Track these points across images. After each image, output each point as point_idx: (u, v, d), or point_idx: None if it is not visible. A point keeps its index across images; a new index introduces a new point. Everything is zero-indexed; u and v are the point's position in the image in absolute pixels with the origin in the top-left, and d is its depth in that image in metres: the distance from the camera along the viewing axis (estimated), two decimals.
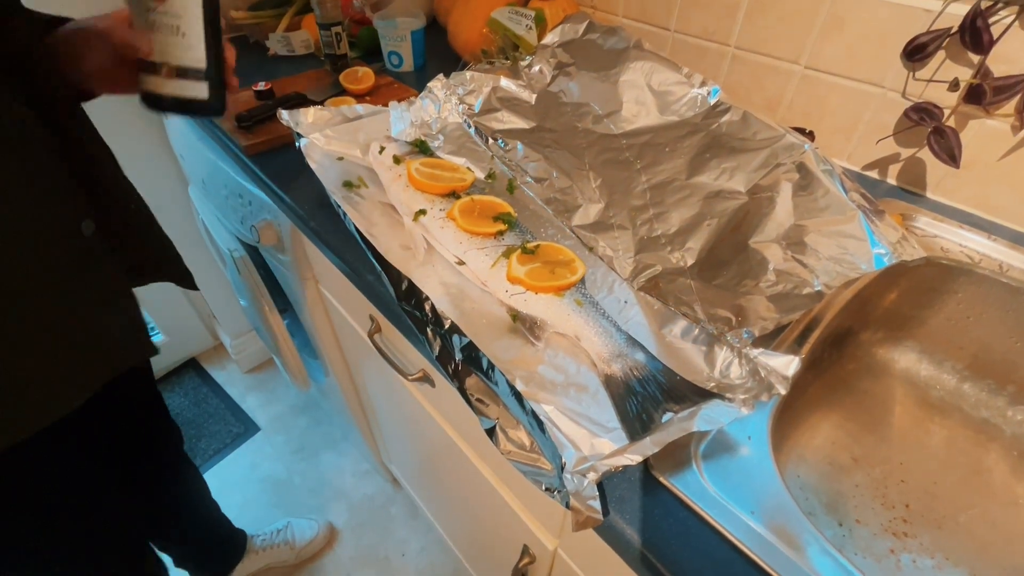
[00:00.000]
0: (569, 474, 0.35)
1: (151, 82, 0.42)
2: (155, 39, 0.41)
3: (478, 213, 0.52)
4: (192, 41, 0.41)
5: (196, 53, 0.42)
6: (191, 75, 0.42)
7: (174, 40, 0.41)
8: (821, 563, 0.34)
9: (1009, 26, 0.53)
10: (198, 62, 0.42)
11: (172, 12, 0.40)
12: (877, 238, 0.52)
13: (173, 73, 0.41)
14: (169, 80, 0.41)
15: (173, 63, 0.41)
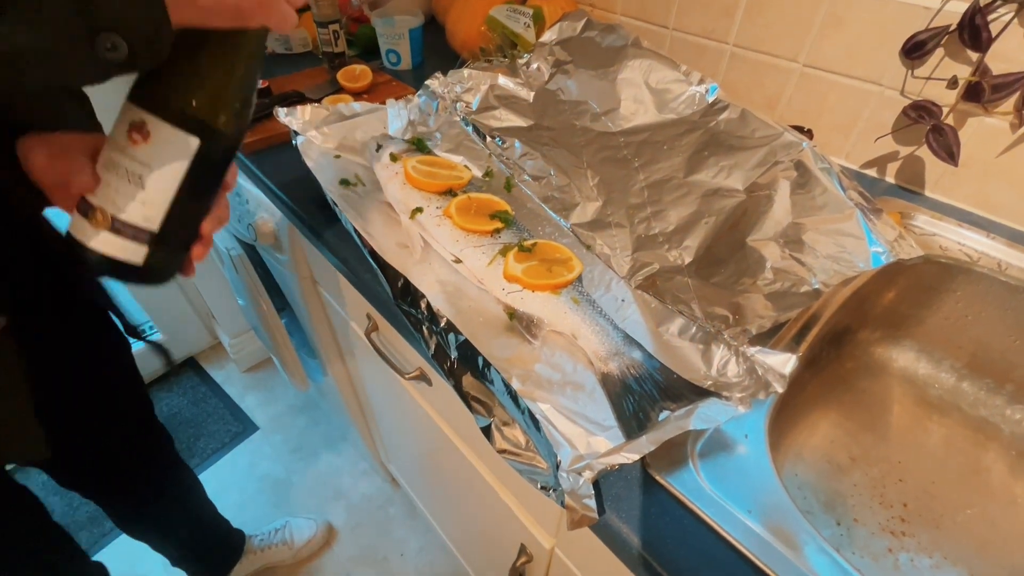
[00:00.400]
0: (565, 472, 0.35)
1: (77, 226, 0.32)
2: (104, 178, 0.32)
3: (475, 211, 0.52)
4: (151, 196, 0.32)
5: (148, 210, 0.32)
6: (127, 233, 0.32)
7: (125, 187, 0.32)
8: (818, 562, 0.34)
9: (1008, 24, 0.53)
10: (146, 221, 0.32)
11: (141, 159, 0.31)
12: (875, 236, 0.52)
13: (106, 224, 0.32)
14: (96, 230, 0.32)
15: (109, 211, 0.31)
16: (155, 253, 0.33)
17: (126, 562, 1.16)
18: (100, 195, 0.32)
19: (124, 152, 0.31)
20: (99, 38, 0.26)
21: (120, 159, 0.31)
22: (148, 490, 0.84)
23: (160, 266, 0.34)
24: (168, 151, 0.31)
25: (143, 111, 0.31)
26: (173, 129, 0.31)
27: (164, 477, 0.86)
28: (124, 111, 0.32)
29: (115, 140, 0.32)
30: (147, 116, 0.31)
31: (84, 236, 0.32)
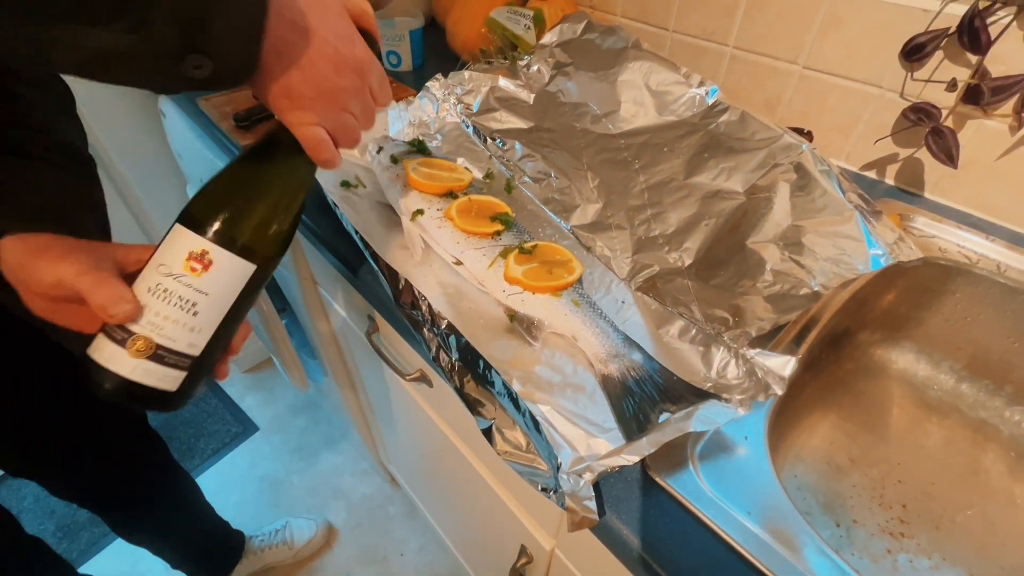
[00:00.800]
0: (565, 474, 0.35)
1: (107, 353, 0.30)
2: (150, 304, 0.31)
3: (476, 213, 0.52)
4: (202, 323, 0.31)
5: (196, 337, 0.32)
6: (169, 361, 0.31)
7: (176, 315, 0.31)
8: (817, 563, 0.34)
9: (1007, 26, 0.53)
10: (191, 348, 0.31)
11: (198, 287, 0.31)
12: (874, 239, 0.52)
13: (147, 353, 0.30)
14: (135, 360, 0.30)
15: (155, 340, 0.30)
16: (190, 377, 0.32)
17: (127, 562, 1.16)
18: (144, 323, 0.30)
19: (179, 280, 0.31)
20: (190, 57, 0.27)
21: (174, 287, 0.31)
22: (143, 497, 0.83)
23: (190, 390, 0.33)
24: (227, 279, 0.32)
25: (206, 241, 0.31)
26: (236, 259, 0.32)
27: (159, 483, 0.86)
28: (179, 237, 0.31)
29: (167, 266, 0.31)
30: (210, 246, 0.31)
31: (116, 364, 0.30)
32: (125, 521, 0.86)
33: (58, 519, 1.24)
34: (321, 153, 0.34)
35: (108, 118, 1.02)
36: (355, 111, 0.35)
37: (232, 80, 0.29)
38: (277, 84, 0.31)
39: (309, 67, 0.32)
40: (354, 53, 0.34)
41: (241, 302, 0.33)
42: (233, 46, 0.28)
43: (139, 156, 1.10)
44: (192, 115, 0.82)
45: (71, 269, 0.31)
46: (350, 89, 0.34)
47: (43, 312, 0.33)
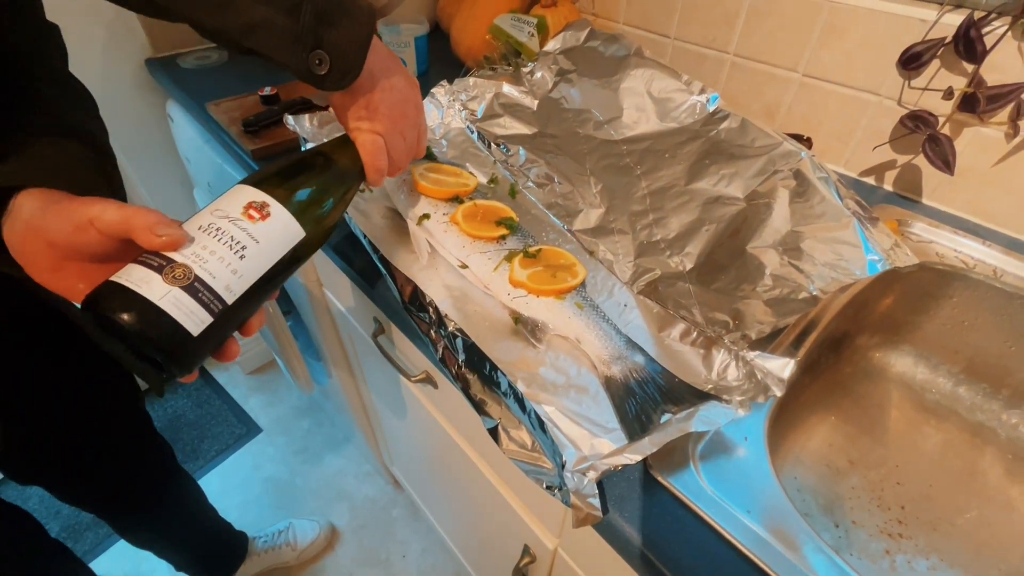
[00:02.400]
0: (570, 473, 0.36)
1: (136, 276, 0.28)
2: (199, 239, 0.31)
3: (481, 217, 0.53)
4: (245, 269, 0.31)
5: (235, 282, 0.31)
6: (203, 297, 0.29)
7: (223, 252, 0.31)
8: (817, 562, 0.35)
9: (1002, 36, 0.54)
10: (227, 291, 0.30)
11: (252, 232, 0.32)
12: (871, 245, 0.53)
13: (184, 282, 0.29)
14: (168, 286, 0.28)
15: (196, 271, 0.29)
16: (214, 327, 0.30)
17: (131, 563, 1.17)
18: (188, 252, 0.30)
19: (235, 223, 0.32)
20: (316, 52, 0.35)
21: (228, 227, 0.32)
22: (149, 502, 0.84)
23: (207, 346, 0.31)
24: (278, 234, 0.34)
25: (269, 196, 0.34)
26: (291, 218, 0.34)
27: (164, 488, 0.86)
28: (240, 191, 0.34)
29: (223, 211, 0.33)
30: (271, 200, 0.34)
31: (145, 287, 0.28)
32: (130, 525, 0.87)
33: (63, 520, 1.25)
34: (376, 159, 0.41)
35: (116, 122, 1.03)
36: (409, 139, 0.44)
37: (338, 80, 0.37)
38: (364, 96, 0.40)
39: (389, 91, 0.41)
40: (418, 97, 0.45)
41: (281, 267, 0.34)
42: (349, 48, 0.36)
43: (147, 160, 1.11)
44: (200, 120, 0.84)
45: (111, 204, 0.30)
46: (411, 119, 0.44)
47: (45, 273, 0.31)
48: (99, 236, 0.30)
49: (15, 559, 0.71)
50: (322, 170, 0.39)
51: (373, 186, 0.43)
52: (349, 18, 0.36)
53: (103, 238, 0.30)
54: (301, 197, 0.36)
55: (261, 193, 0.34)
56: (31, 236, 0.30)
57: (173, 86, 0.89)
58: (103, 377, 0.68)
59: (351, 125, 0.42)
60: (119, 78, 0.98)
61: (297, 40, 0.34)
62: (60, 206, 0.30)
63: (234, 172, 0.81)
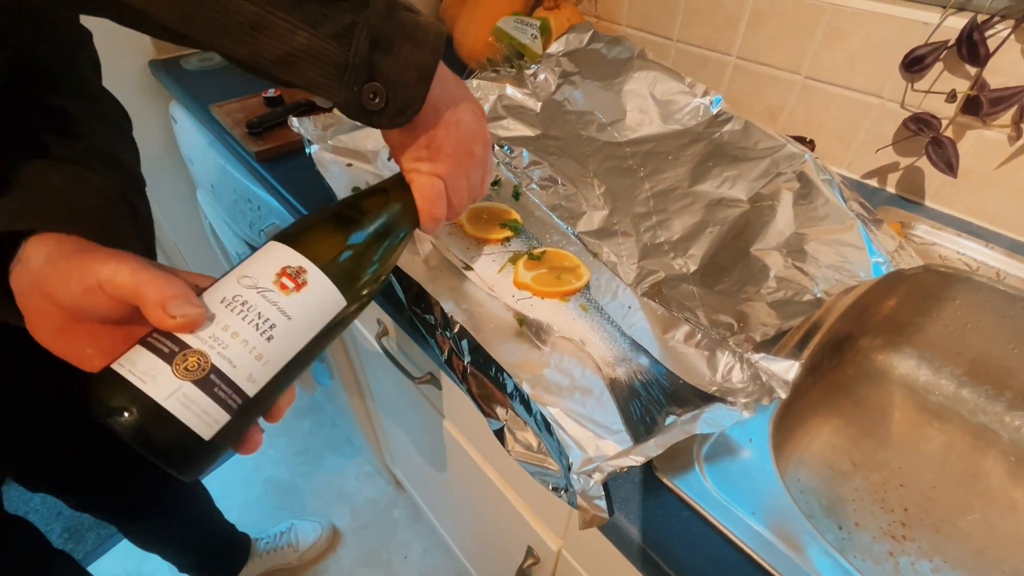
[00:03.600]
0: (576, 474, 0.36)
1: (142, 367, 0.24)
2: (220, 318, 0.26)
3: (486, 219, 0.53)
4: (273, 352, 0.27)
5: (259, 370, 0.26)
6: (219, 393, 0.25)
7: (248, 334, 0.26)
8: (821, 563, 0.35)
9: (1005, 39, 0.55)
10: (249, 382, 0.26)
11: (283, 306, 0.27)
12: (875, 247, 0.53)
13: (197, 374, 0.25)
14: (179, 380, 0.24)
15: (213, 360, 0.25)
16: (230, 426, 0.26)
17: (133, 563, 1.17)
18: (205, 335, 0.25)
19: (264, 295, 0.27)
20: (371, 85, 0.29)
21: (256, 301, 0.27)
22: (157, 506, 0.84)
23: (219, 449, 0.26)
24: (315, 307, 0.29)
25: (306, 259, 0.29)
26: (331, 287, 0.29)
27: (171, 494, 0.86)
28: (273, 251, 0.29)
29: (252, 279, 0.28)
30: (309, 265, 0.29)
31: (152, 382, 0.24)
32: (137, 528, 0.87)
33: (65, 520, 1.25)
34: (435, 206, 0.36)
35: None
36: (473, 180, 0.38)
37: (395, 117, 0.31)
38: (426, 134, 0.34)
39: (455, 127, 0.35)
40: (486, 131, 0.38)
41: (316, 343, 0.29)
42: (410, 79, 0.30)
43: (150, 162, 1.11)
44: (204, 121, 0.84)
45: (124, 266, 0.26)
46: (478, 159, 0.38)
47: (49, 335, 0.28)
48: (109, 300, 0.26)
49: (17, 568, 0.71)
50: (369, 221, 0.33)
51: (427, 234, 0.38)
52: (412, 43, 0.30)
53: (114, 303, 0.26)
54: (344, 257, 0.31)
55: (297, 256, 0.29)
56: (36, 294, 0.27)
57: (176, 88, 0.90)
58: None
59: (408, 166, 0.36)
60: (122, 80, 0.99)
61: (347, 71, 0.28)
62: (70, 263, 0.26)
63: (237, 174, 0.81)
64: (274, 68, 0.28)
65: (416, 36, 0.30)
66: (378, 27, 0.28)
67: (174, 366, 0.24)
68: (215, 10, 0.25)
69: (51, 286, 0.26)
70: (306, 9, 0.27)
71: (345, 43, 0.28)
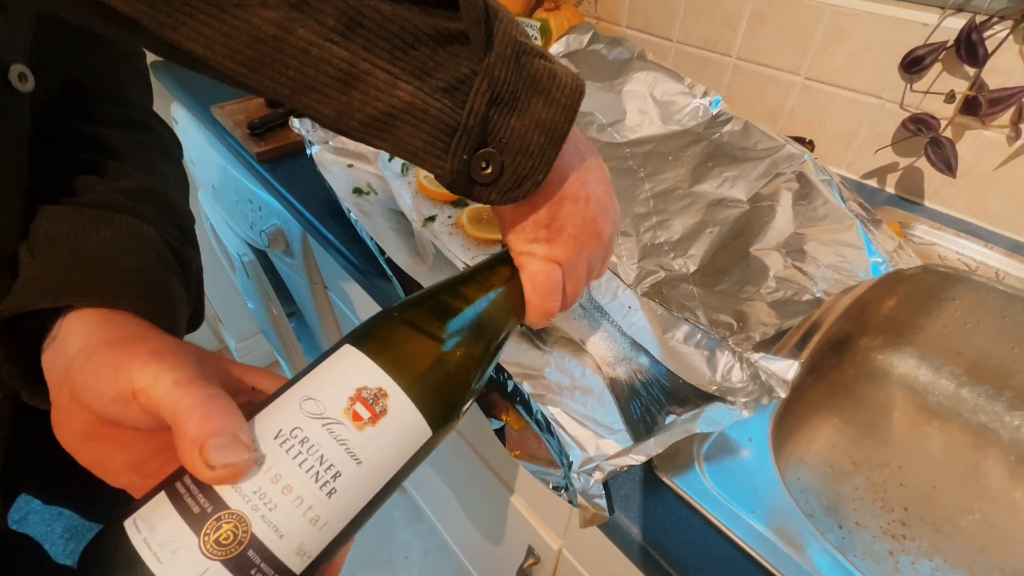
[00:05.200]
0: (576, 473, 0.36)
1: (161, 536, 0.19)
2: (270, 464, 0.20)
3: (486, 220, 0.53)
4: (333, 511, 0.20)
5: (313, 537, 0.20)
6: (254, 572, 0.18)
7: (307, 492, 0.19)
8: (821, 562, 0.35)
9: (1003, 40, 0.55)
10: (299, 554, 0.19)
11: (352, 446, 0.20)
12: (874, 247, 0.53)
13: (231, 551, 0.18)
14: (206, 561, 0.18)
15: (253, 529, 0.19)
16: None
17: None
18: (247, 490, 0.19)
19: (331, 428, 0.20)
20: (483, 152, 0.23)
21: (320, 438, 0.20)
22: None
23: None
24: (393, 443, 0.22)
25: (389, 377, 0.22)
26: (416, 413, 0.22)
27: None
28: (349, 365, 0.22)
29: (318, 401, 0.21)
30: (392, 386, 0.22)
31: (170, 564, 0.18)
32: None
33: (65, 520, 1.24)
34: (548, 300, 0.28)
35: None
36: (595, 263, 0.31)
37: (510, 190, 0.24)
38: (547, 210, 0.27)
39: (583, 202, 0.28)
40: (615, 205, 0.31)
41: (389, 487, 0.22)
42: (533, 144, 0.23)
43: None
44: (205, 122, 0.84)
45: (165, 376, 0.21)
46: (605, 238, 0.30)
47: (75, 440, 0.23)
48: (141, 414, 0.21)
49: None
50: (467, 318, 0.26)
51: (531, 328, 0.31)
52: (543, 99, 0.23)
53: (146, 416, 0.21)
54: (437, 372, 0.23)
55: (378, 372, 0.22)
56: (66, 391, 0.23)
57: (178, 88, 0.90)
58: None
59: (520, 248, 0.28)
60: None
61: (456, 135, 0.22)
62: (107, 356, 0.22)
63: (238, 175, 0.81)
64: (365, 130, 0.21)
65: (549, 90, 0.23)
66: (502, 79, 0.22)
67: (202, 537, 0.18)
68: (294, 57, 0.19)
69: (81, 386, 0.22)
70: (412, 56, 0.21)
71: (460, 100, 0.22)
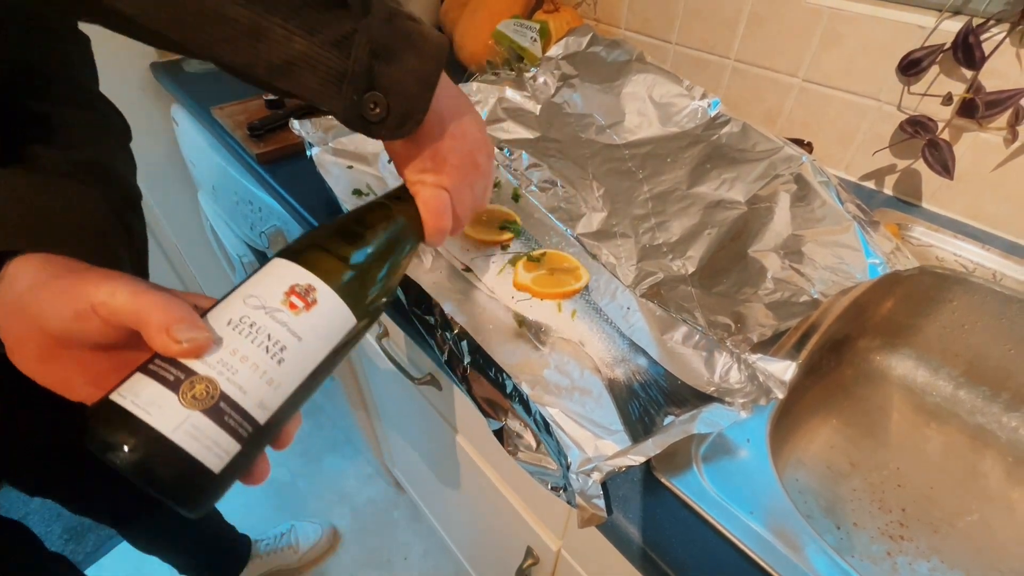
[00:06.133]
0: (574, 474, 0.36)
1: (145, 397, 0.23)
2: (228, 341, 0.24)
3: (485, 221, 0.54)
4: (283, 376, 0.26)
5: (270, 395, 0.25)
6: (229, 421, 0.23)
7: (259, 357, 0.25)
8: (819, 563, 0.35)
9: (1000, 43, 0.55)
10: (260, 408, 0.25)
11: (294, 327, 0.26)
12: (872, 248, 0.54)
13: (206, 403, 0.23)
14: (187, 410, 0.23)
15: (222, 387, 0.23)
16: (240, 457, 0.24)
17: (133, 565, 1.17)
18: (213, 361, 0.24)
19: (274, 316, 0.25)
20: (371, 94, 0.29)
21: (265, 322, 0.25)
22: (155, 509, 0.84)
23: (228, 482, 0.25)
24: (326, 326, 0.27)
25: (314, 276, 0.27)
26: (342, 304, 0.28)
27: None
28: (279, 269, 0.28)
29: (258, 298, 0.26)
30: (318, 282, 0.27)
31: (157, 414, 0.22)
32: (135, 529, 0.87)
33: (65, 521, 1.25)
34: (440, 219, 0.35)
35: None
36: (477, 191, 0.38)
37: (395, 128, 0.30)
38: (430, 146, 0.33)
39: (460, 137, 0.34)
40: (489, 142, 0.38)
41: (326, 364, 0.28)
42: (410, 88, 0.29)
43: (151, 164, 1.12)
44: (205, 123, 0.84)
45: (121, 288, 0.24)
46: (482, 169, 0.37)
47: (32, 363, 0.25)
48: (102, 326, 0.24)
49: (13, 573, 0.71)
50: (376, 236, 0.32)
51: (431, 247, 0.38)
52: (414, 51, 0.29)
53: (107, 328, 0.24)
54: (352, 273, 0.29)
55: (305, 273, 0.27)
56: (19, 318, 0.24)
57: (178, 90, 0.90)
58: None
59: (412, 178, 0.35)
60: (124, 82, 0.99)
61: (346, 79, 0.28)
62: (59, 284, 0.24)
63: (238, 176, 0.81)
64: (271, 76, 0.27)
65: (418, 45, 0.29)
66: (379, 35, 0.28)
67: (180, 395, 0.23)
68: (208, 17, 0.24)
69: (38, 309, 0.24)
70: (304, 15, 0.26)
71: (344, 51, 0.27)
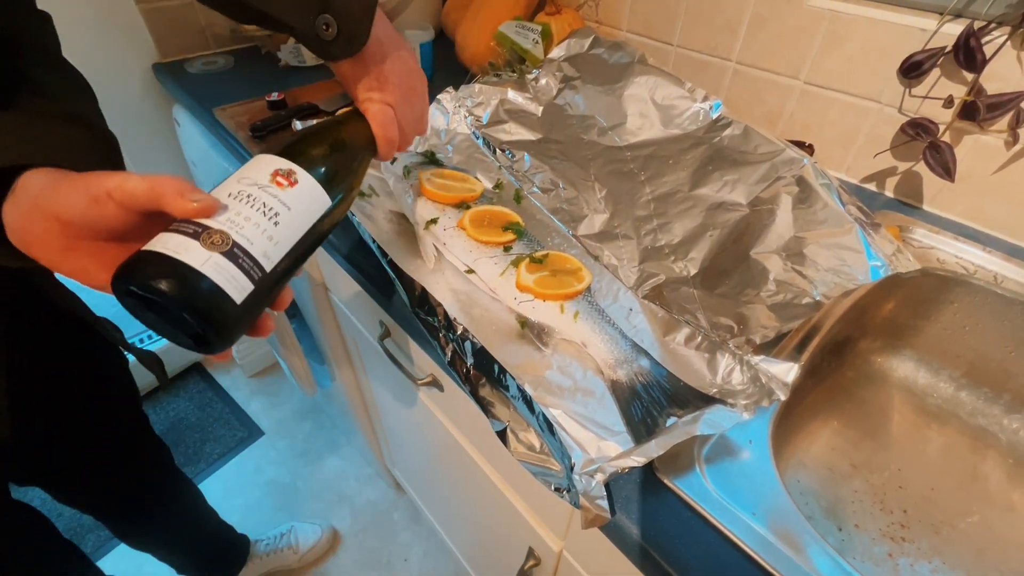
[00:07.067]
0: (578, 475, 0.36)
1: (173, 244, 0.27)
2: (232, 206, 0.30)
3: (488, 223, 0.54)
4: (279, 235, 0.31)
5: (271, 248, 0.30)
6: (243, 263, 0.29)
7: (257, 218, 0.30)
8: (821, 564, 0.35)
9: (1001, 46, 0.55)
10: (265, 257, 0.30)
11: (282, 198, 0.32)
12: (873, 250, 0.54)
13: (223, 247, 0.28)
14: (208, 251, 0.28)
15: (233, 237, 0.29)
16: (254, 295, 0.29)
17: (133, 565, 1.17)
18: (222, 219, 0.29)
19: (265, 189, 0.31)
20: (323, 16, 0.35)
21: (259, 194, 0.31)
22: (145, 504, 0.84)
23: (248, 316, 0.30)
24: (307, 201, 0.33)
25: (293, 164, 0.34)
26: (317, 186, 0.34)
27: (161, 490, 0.86)
28: (265, 161, 0.33)
29: (251, 178, 0.32)
30: (298, 168, 0.34)
31: (186, 255, 0.27)
32: (127, 527, 0.87)
33: (65, 521, 1.25)
34: (388, 130, 0.41)
35: (123, 126, 1.05)
36: (417, 112, 0.44)
37: (346, 46, 0.37)
38: (375, 67, 0.39)
39: (399, 61, 0.41)
40: (422, 72, 0.45)
41: (311, 234, 0.34)
42: (356, 12, 0.36)
43: (153, 164, 1.12)
44: (207, 125, 0.84)
45: (130, 175, 0.28)
46: (419, 91, 0.44)
47: (55, 254, 0.29)
48: (117, 210, 0.28)
49: (28, 556, 0.71)
50: (337, 141, 0.38)
51: (383, 160, 0.43)
52: None
53: (122, 212, 0.28)
54: (323, 167, 0.35)
55: (286, 161, 0.33)
56: (39, 214, 0.28)
57: (180, 91, 0.90)
58: (100, 378, 0.69)
59: (361, 96, 0.41)
60: (126, 83, 0.99)
61: (303, 1, 0.34)
62: (73, 178, 0.28)
63: None
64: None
65: None
66: None
67: (202, 241, 0.28)
68: None
69: (55, 202, 0.28)
70: None
71: None
